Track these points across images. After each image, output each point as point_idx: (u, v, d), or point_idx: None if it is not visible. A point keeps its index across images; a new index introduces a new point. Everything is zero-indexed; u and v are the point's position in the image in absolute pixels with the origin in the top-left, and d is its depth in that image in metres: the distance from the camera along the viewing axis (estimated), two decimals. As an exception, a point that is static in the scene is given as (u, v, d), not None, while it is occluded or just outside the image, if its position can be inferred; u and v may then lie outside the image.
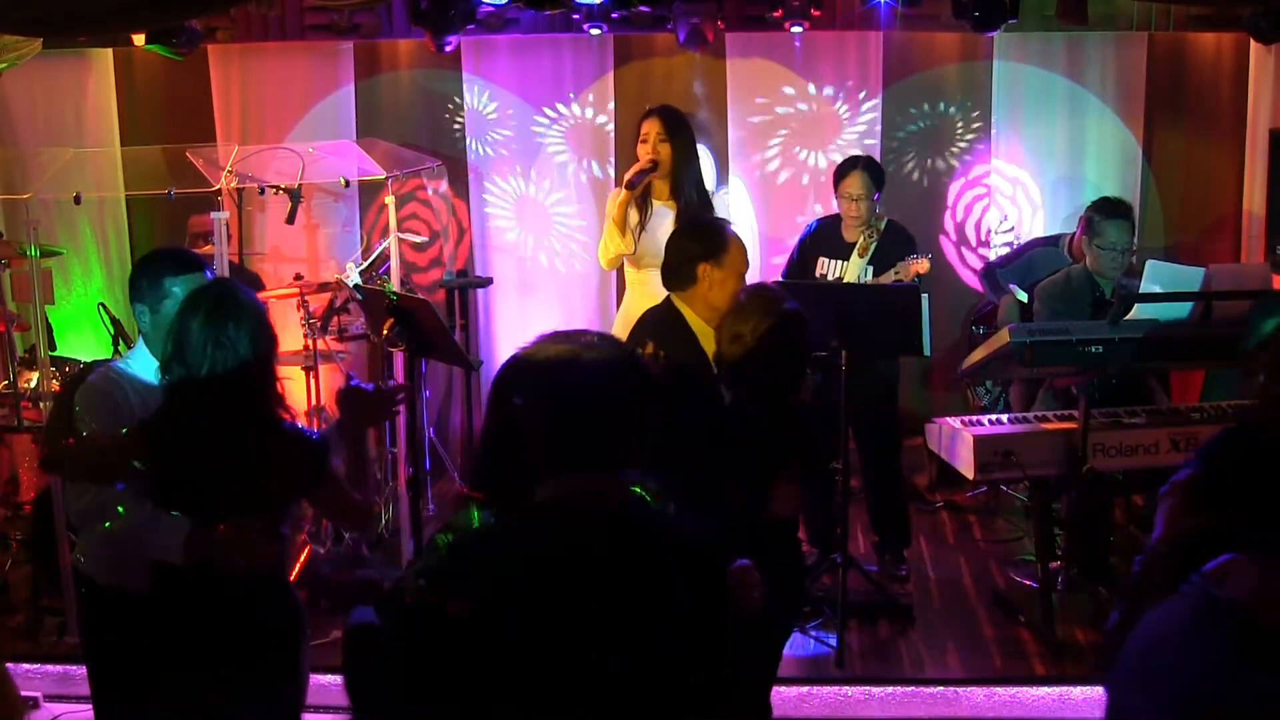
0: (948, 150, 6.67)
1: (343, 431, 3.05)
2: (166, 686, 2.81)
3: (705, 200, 5.00)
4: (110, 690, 3.02)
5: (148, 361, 3.03)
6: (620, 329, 5.01)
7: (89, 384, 3.02)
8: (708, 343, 3.45)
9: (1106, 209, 5.12)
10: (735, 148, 6.62)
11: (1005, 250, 6.45)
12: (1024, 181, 6.65)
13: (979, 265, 6.62)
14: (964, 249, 6.74)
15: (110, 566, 2.97)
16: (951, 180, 6.69)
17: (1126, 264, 4.96)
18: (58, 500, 4.58)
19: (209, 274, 3.13)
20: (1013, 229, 6.65)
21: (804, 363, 3.46)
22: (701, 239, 3.62)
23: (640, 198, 4.95)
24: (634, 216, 4.95)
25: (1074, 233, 5.90)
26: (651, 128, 4.95)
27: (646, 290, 4.85)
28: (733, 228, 3.69)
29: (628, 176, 4.96)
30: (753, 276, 6.49)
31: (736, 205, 6.61)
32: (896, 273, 5.01)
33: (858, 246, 5.15)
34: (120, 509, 2.84)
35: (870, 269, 5.13)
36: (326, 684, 3.21)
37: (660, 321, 3.59)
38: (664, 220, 4.88)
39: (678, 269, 3.60)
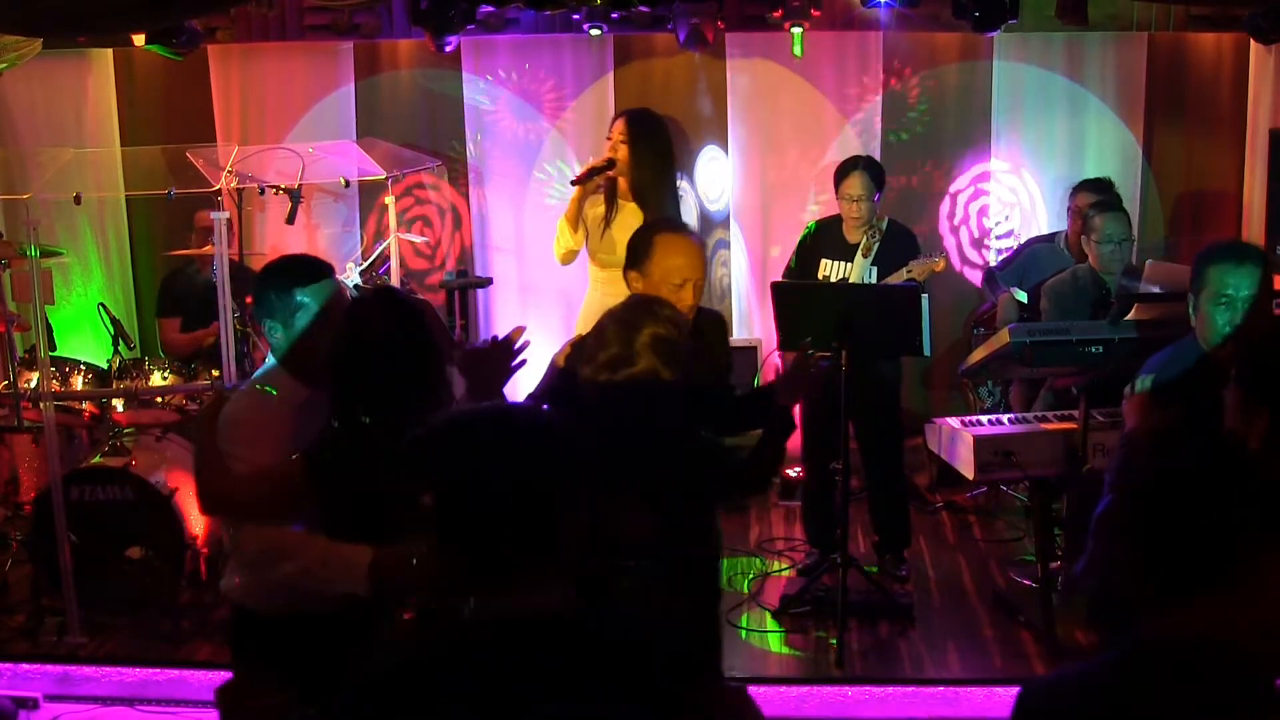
0: (948, 150, 6.67)
1: (474, 399, 2.83)
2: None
3: (674, 203, 5.03)
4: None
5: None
6: (581, 326, 5.03)
7: (232, 415, 2.84)
8: None
9: (1099, 204, 5.14)
10: (734, 148, 6.61)
11: (1005, 251, 6.45)
12: (1024, 181, 6.65)
13: (979, 265, 6.63)
14: (964, 249, 6.74)
15: (283, 598, 2.80)
16: (951, 180, 6.69)
17: (1128, 256, 4.96)
18: (58, 500, 4.58)
19: (334, 279, 2.98)
20: (1012, 229, 6.65)
21: (670, 396, 2.93)
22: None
23: (607, 197, 4.99)
24: (598, 213, 4.99)
25: (1067, 228, 5.91)
26: (616, 128, 5.02)
27: (609, 289, 4.88)
28: (677, 229, 3.46)
29: (578, 174, 5.03)
30: (753, 276, 6.61)
31: (736, 205, 6.62)
32: (909, 271, 5.00)
33: (861, 247, 5.15)
34: (301, 549, 2.68)
35: (874, 269, 5.13)
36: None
37: None
38: (627, 220, 4.92)
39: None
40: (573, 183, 5.06)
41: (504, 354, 2.88)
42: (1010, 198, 6.67)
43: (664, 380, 2.87)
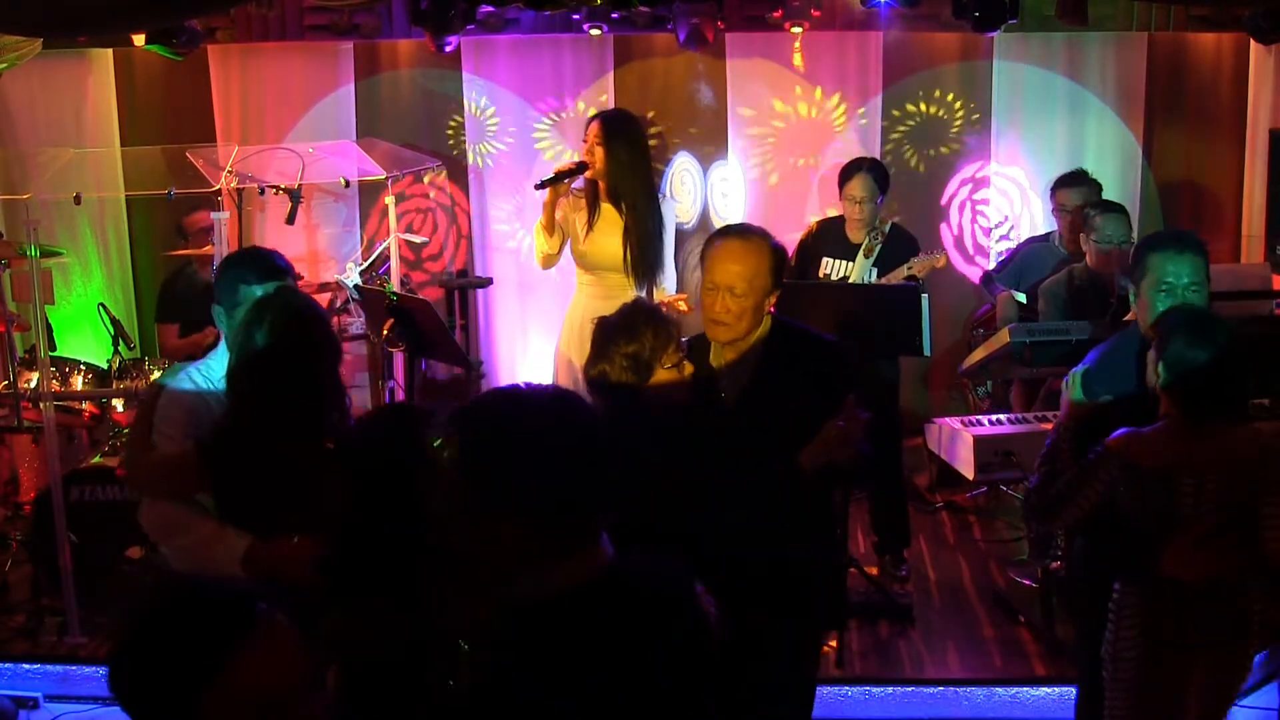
0: (947, 150, 6.67)
1: None
2: None
3: (655, 203, 4.90)
4: None
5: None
6: (565, 328, 5.01)
7: (168, 393, 2.99)
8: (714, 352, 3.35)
9: (1100, 204, 5.15)
10: (734, 148, 6.62)
11: (1003, 251, 6.45)
12: (1023, 182, 6.65)
13: (979, 265, 6.62)
14: (964, 249, 6.74)
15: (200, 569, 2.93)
16: (951, 180, 6.69)
17: (1127, 257, 4.95)
18: (57, 500, 4.58)
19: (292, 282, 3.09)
20: (1012, 229, 6.65)
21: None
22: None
23: (589, 200, 4.94)
24: (581, 217, 4.94)
25: (1058, 227, 5.90)
26: (591, 130, 4.93)
27: (594, 291, 4.86)
28: (729, 234, 3.32)
29: (542, 179, 4.98)
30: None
31: (736, 205, 6.62)
32: (910, 268, 5.00)
33: (863, 248, 5.16)
34: (190, 527, 2.85)
35: (874, 270, 5.13)
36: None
37: None
38: (607, 223, 4.86)
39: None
40: (536, 187, 4.99)
41: None
42: (1010, 198, 6.67)
43: (627, 385, 3.00)
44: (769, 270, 3.16)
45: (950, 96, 6.63)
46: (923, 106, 6.63)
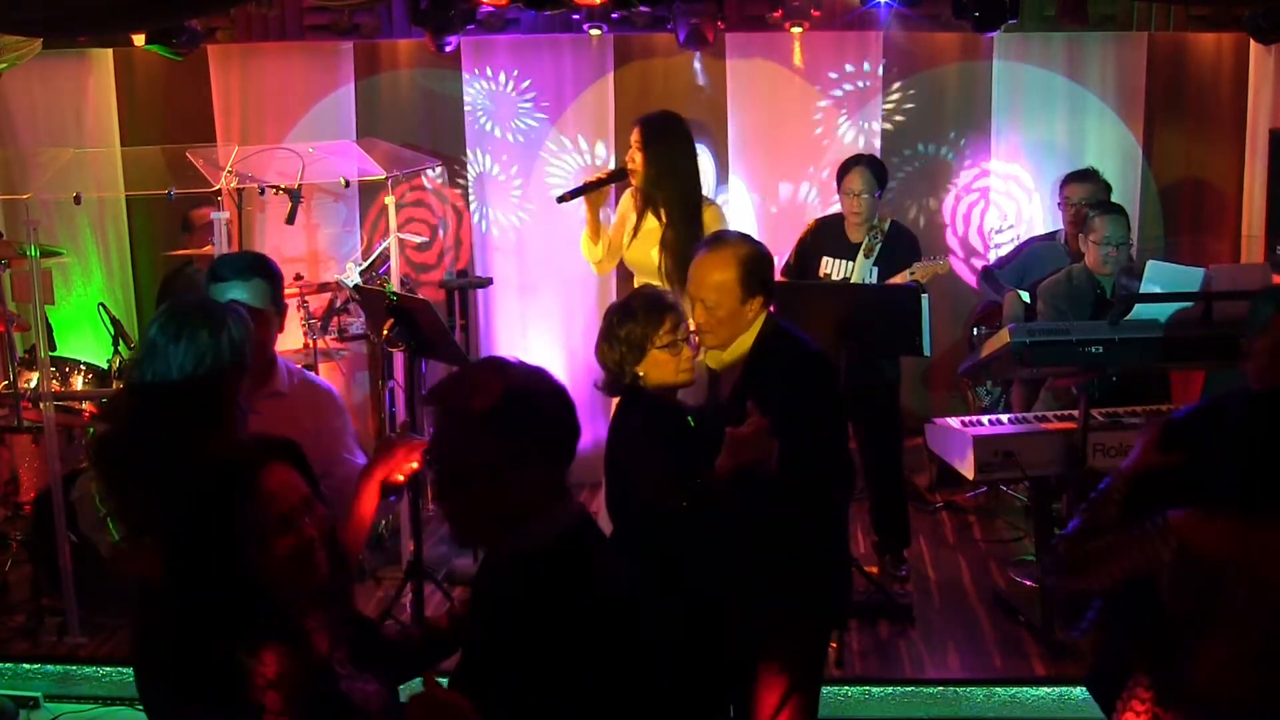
0: (948, 150, 6.67)
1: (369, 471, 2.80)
2: None
3: (694, 210, 4.73)
4: None
5: None
6: None
7: None
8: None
9: (1099, 205, 5.16)
10: (735, 148, 6.61)
11: (1004, 251, 6.45)
12: (1024, 181, 6.65)
13: (979, 265, 6.62)
14: (964, 249, 6.74)
15: None
16: (951, 180, 6.69)
17: (1125, 259, 4.97)
18: (57, 500, 4.59)
19: (264, 282, 3.09)
20: (1012, 229, 6.65)
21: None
22: None
23: (638, 205, 4.83)
24: (632, 221, 4.86)
25: (1063, 225, 5.92)
26: (634, 136, 4.77)
27: None
28: (706, 242, 3.38)
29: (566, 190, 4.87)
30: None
31: (737, 206, 6.61)
32: (912, 274, 4.99)
33: (863, 247, 5.16)
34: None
35: (875, 270, 5.13)
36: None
37: None
38: (649, 227, 4.76)
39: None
40: (559, 200, 4.88)
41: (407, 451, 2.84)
42: (1010, 198, 6.67)
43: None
44: (737, 280, 3.19)
45: (950, 96, 6.63)
46: (922, 106, 6.62)
